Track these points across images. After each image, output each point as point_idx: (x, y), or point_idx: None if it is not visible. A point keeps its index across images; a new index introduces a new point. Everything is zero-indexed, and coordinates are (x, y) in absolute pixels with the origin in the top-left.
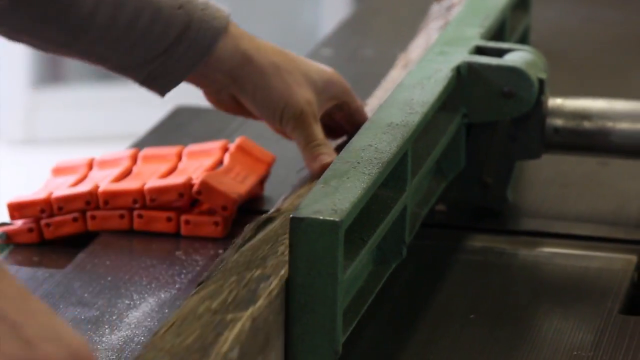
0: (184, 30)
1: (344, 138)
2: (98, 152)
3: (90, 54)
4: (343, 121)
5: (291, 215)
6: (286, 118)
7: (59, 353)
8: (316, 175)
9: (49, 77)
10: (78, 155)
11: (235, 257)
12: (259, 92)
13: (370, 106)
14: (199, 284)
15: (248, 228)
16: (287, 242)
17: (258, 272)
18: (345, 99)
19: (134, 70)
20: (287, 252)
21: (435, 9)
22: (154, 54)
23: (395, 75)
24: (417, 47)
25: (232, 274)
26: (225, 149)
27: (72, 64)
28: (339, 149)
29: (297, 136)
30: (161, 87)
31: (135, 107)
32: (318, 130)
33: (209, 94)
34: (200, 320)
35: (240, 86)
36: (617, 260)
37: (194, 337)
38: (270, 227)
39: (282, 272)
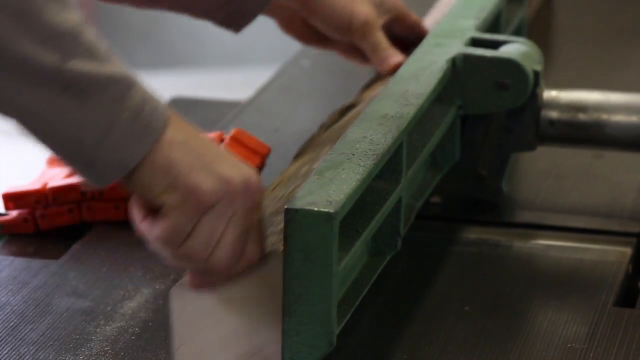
0: None
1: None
2: None
3: (176, 5)
4: (404, 34)
5: (285, 207)
6: (353, 29)
7: (239, 183)
8: (389, 74)
9: None
10: None
11: (325, 134)
12: (327, 9)
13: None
14: (295, 156)
15: (333, 113)
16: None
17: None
18: (400, 12)
19: (215, 13)
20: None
21: None
22: None
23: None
24: None
25: (325, 146)
26: (220, 140)
27: None
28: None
29: (366, 44)
30: (238, 24)
31: None
32: (383, 37)
33: (282, 23)
34: (303, 177)
35: (309, 8)
36: (612, 253)
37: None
38: (352, 112)
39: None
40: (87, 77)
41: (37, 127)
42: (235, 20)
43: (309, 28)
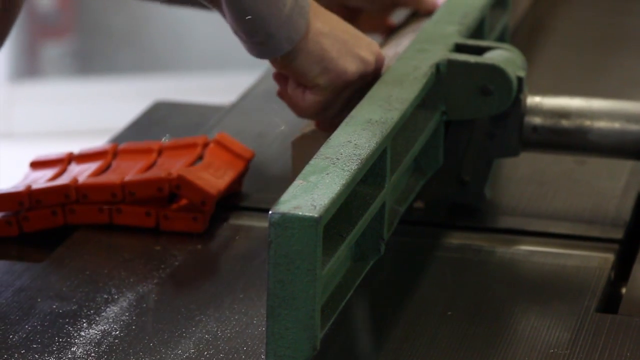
0: None
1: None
2: (76, 147)
3: None
4: None
5: (270, 211)
6: None
7: (374, 62)
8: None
9: (27, 71)
10: (56, 149)
11: (402, 30)
12: None
13: None
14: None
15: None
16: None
17: None
18: None
19: None
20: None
21: None
22: None
23: None
24: None
25: (406, 35)
26: (204, 145)
27: (50, 58)
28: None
29: None
30: None
31: (113, 102)
32: None
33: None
34: (391, 59)
35: None
36: (594, 259)
37: None
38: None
39: None
40: None
41: (240, 6)
42: None
43: (347, 11)
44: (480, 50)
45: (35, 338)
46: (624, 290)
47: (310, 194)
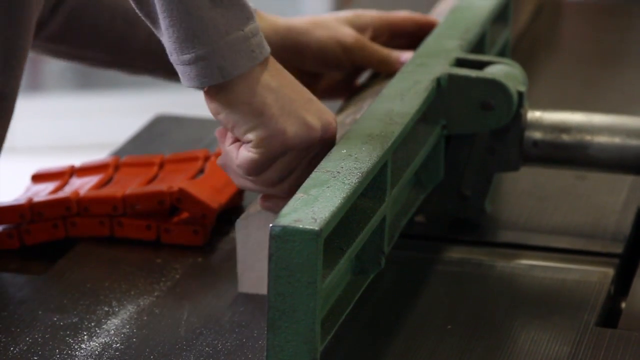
0: None
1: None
2: (77, 161)
3: (138, 67)
4: (395, 37)
5: (271, 225)
6: (349, 51)
7: (320, 131)
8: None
9: (28, 85)
10: (57, 163)
11: (365, 92)
12: (315, 48)
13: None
14: (338, 111)
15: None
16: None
17: None
18: (379, 21)
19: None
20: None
21: None
22: None
23: None
24: None
25: (367, 99)
26: (205, 158)
27: (51, 73)
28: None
29: (368, 58)
30: None
31: (114, 116)
32: (378, 45)
33: None
34: (349, 126)
35: (297, 53)
36: (594, 273)
37: None
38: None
39: None
40: None
41: (174, 11)
42: None
43: (306, 77)
44: (481, 65)
45: (36, 350)
46: (623, 305)
47: (311, 207)
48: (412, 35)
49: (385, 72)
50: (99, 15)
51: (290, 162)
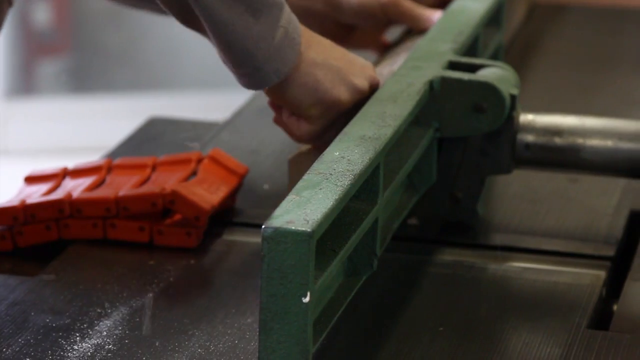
0: None
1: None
2: (70, 164)
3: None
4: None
5: (263, 226)
6: (385, 8)
7: (367, 88)
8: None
9: (22, 88)
10: (50, 166)
11: (398, 47)
12: (353, 3)
13: None
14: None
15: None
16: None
17: None
18: None
19: None
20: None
21: None
22: None
23: None
24: None
25: (401, 53)
26: (198, 160)
27: (46, 76)
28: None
29: (402, 15)
30: None
31: (108, 120)
32: (413, 4)
33: (316, 31)
34: (386, 76)
35: (338, 8)
36: (586, 276)
37: None
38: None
39: None
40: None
41: (226, 38)
42: None
43: (341, 28)
44: (473, 68)
45: (29, 351)
46: (615, 307)
47: (303, 209)
48: None
49: (416, 28)
50: None
51: (346, 121)
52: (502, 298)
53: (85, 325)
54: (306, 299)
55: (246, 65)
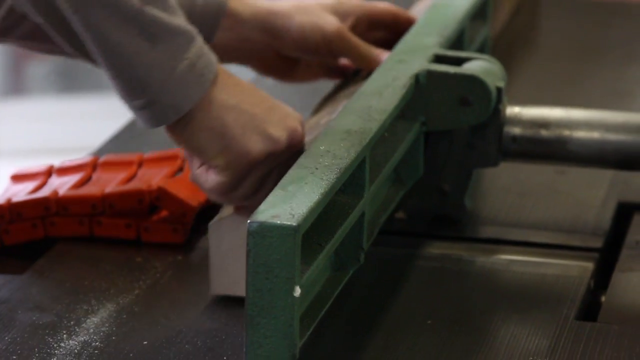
0: (192, 7)
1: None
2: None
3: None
4: (375, 29)
5: (248, 220)
6: (328, 41)
7: (285, 141)
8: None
9: (10, 89)
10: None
11: (341, 92)
12: (297, 33)
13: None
14: (313, 112)
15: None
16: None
17: None
18: (361, 10)
19: None
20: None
21: None
22: None
23: None
24: None
25: (342, 101)
26: (183, 159)
27: (35, 76)
28: None
29: (347, 49)
30: None
31: (97, 120)
32: (358, 39)
33: (258, 65)
34: (323, 126)
35: (277, 37)
36: (574, 268)
37: None
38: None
39: None
40: (160, 23)
41: (116, 63)
42: None
43: (284, 61)
44: (459, 61)
45: (15, 349)
46: (603, 299)
47: (289, 203)
48: (390, 29)
49: (360, 66)
50: None
51: (260, 176)
52: (490, 291)
53: (72, 323)
54: (293, 294)
55: (138, 95)
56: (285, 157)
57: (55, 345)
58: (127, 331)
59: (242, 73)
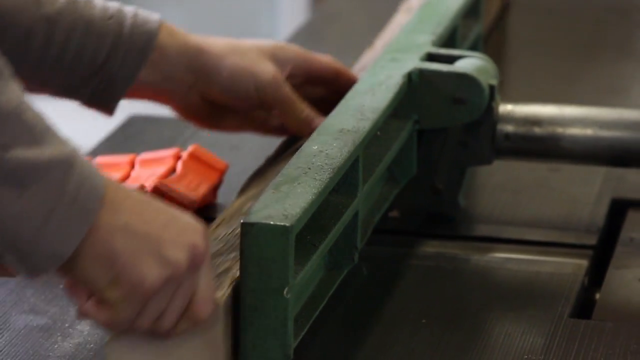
0: (118, 38)
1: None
2: None
3: (31, 79)
4: (329, 89)
5: (242, 221)
6: (261, 90)
7: (185, 262)
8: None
9: None
10: None
11: (271, 168)
12: (224, 76)
13: (378, 47)
14: (241, 191)
15: (279, 146)
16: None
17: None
18: (304, 60)
19: (78, 91)
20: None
21: None
22: (93, 69)
23: (400, 19)
24: None
25: (271, 180)
26: (178, 157)
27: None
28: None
29: (281, 104)
30: (107, 102)
31: (88, 119)
32: (295, 95)
33: (179, 107)
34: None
35: (204, 78)
36: (568, 265)
37: None
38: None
39: (224, 290)
40: (26, 165)
41: None
42: (103, 99)
43: (210, 107)
44: (452, 59)
45: (10, 351)
46: (597, 296)
47: (282, 204)
48: (328, 86)
49: (290, 125)
50: None
51: (159, 303)
52: (484, 289)
53: (66, 325)
54: (286, 294)
55: (8, 251)
56: (185, 279)
57: (49, 348)
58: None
59: None
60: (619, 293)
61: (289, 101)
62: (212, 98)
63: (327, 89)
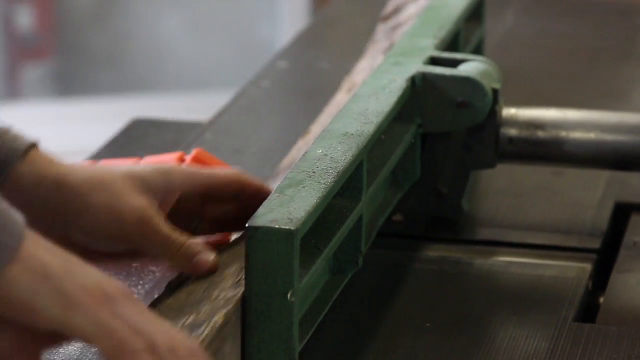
0: None
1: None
2: None
3: None
4: (239, 204)
5: (247, 225)
6: (127, 232)
7: None
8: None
9: (7, 93)
10: None
11: (169, 300)
12: (85, 217)
13: (313, 134)
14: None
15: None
16: (222, 285)
17: (191, 318)
18: (196, 180)
19: None
20: (221, 296)
21: (380, 29)
22: None
23: (340, 99)
24: (362, 71)
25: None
26: (181, 161)
27: (30, 80)
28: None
29: (153, 245)
30: None
31: (94, 123)
32: (171, 230)
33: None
34: None
35: (63, 218)
36: (572, 269)
37: None
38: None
39: (216, 318)
40: None
41: None
42: None
43: (72, 247)
44: (455, 63)
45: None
46: (601, 300)
47: (287, 208)
48: (234, 199)
49: (171, 265)
50: None
51: None
52: (488, 293)
53: None
54: (291, 298)
55: None
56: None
57: (54, 351)
58: None
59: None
60: (623, 297)
61: (160, 240)
62: (73, 240)
63: (236, 205)
